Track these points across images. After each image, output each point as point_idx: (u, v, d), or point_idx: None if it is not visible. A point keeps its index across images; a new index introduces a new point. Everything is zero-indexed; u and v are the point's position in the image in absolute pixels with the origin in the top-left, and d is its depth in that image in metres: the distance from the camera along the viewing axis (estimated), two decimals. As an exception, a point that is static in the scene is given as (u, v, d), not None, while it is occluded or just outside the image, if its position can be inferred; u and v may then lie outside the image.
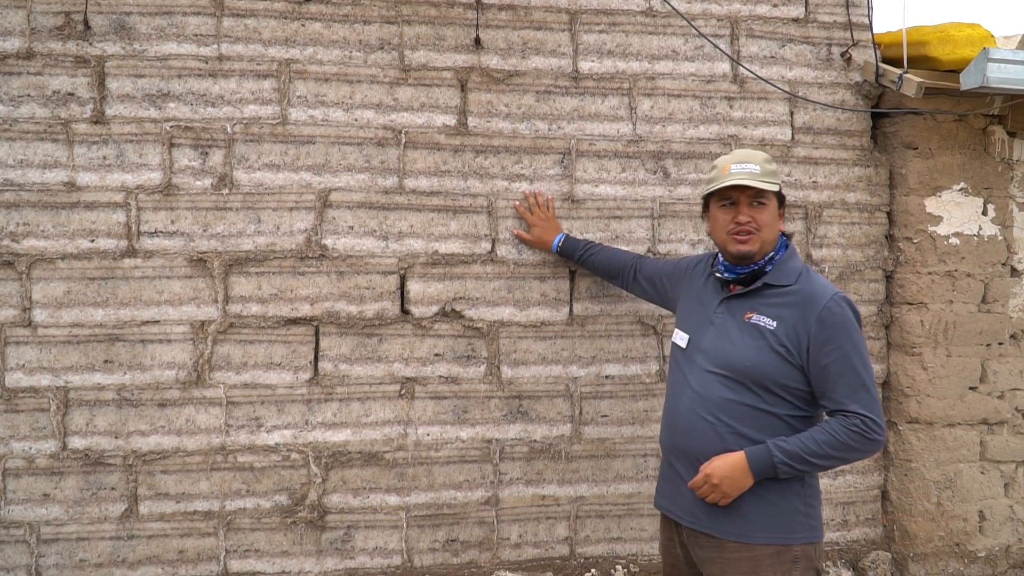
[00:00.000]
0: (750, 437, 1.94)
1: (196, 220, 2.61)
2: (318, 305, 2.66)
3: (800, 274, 2.01)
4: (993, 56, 2.47)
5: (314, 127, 2.66)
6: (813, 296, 1.95)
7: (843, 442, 1.88)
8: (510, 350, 2.76)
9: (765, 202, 2.02)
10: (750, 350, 1.97)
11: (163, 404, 2.60)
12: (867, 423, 1.88)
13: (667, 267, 2.44)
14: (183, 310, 2.60)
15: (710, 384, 2.01)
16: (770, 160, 2.05)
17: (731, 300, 2.06)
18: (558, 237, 2.69)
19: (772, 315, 1.97)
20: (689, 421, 2.02)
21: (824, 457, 1.90)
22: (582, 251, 2.65)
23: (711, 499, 1.95)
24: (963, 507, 2.96)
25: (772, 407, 1.95)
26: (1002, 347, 3.00)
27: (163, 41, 2.60)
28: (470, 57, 2.74)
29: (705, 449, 1.98)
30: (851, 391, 1.89)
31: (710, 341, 2.05)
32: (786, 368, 1.94)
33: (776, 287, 2.00)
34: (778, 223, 2.06)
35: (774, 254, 2.04)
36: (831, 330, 1.91)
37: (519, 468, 2.77)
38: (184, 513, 2.60)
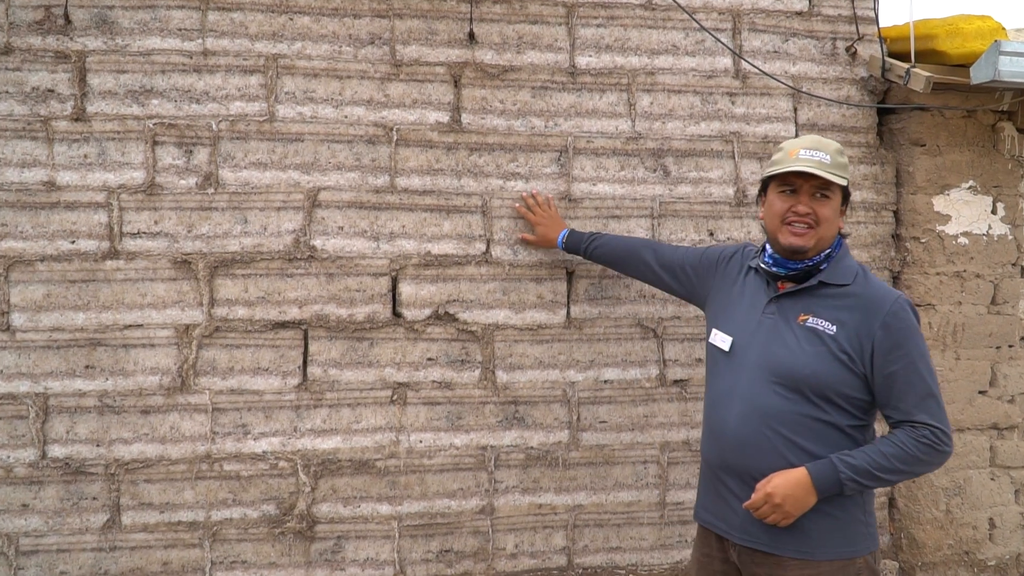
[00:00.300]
0: (810, 451, 1.82)
1: (180, 220, 2.52)
2: (307, 308, 2.57)
3: (857, 274, 1.89)
4: (1005, 49, 2.38)
5: (302, 124, 2.57)
6: (876, 300, 1.84)
7: (913, 455, 1.77)
8: (505, 354, 2.67)
9: (830, 195, 1.88)
10: (810, 357, 1.83)
11: (146, 411, 2.51)
12: (937, 434, 1.77)
13: (691, 256, 2.27)
14: (167, 313, 2.52)
15: (764, 393, 1.87)
16: (842, 152, 1.91)
17: (781, 299, 1.92)
18: (563, 233, 2.57)
19: (831, 318, 1.84)
20: (741, 434, 1.88)
21: (893, 472, 1.79)
22: (587, 242, 2.51)
23: (771, 520, 1.81)
24: (972, 514, 2.88)
25: (832, 417, 1.83)
26: (1012, 350, 2.91)
27: (146, 36, 2.52)
28: (464, 52, 2.65)
29: (762, 465, 1.85)
30: (919, 400, 1.79)
31: (761, 345, 1.91)
32: (848, 377, 1.82)
33: (832, 286, 1.87)
34: (839, 220, 1.92)
35: (830, 251, 1.90)
36: (897, 336, 1.80)
37: (515, 476, 2.68)
38: (168, 524, 2.52)
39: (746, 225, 2.79)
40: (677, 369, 2.76)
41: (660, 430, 2.75)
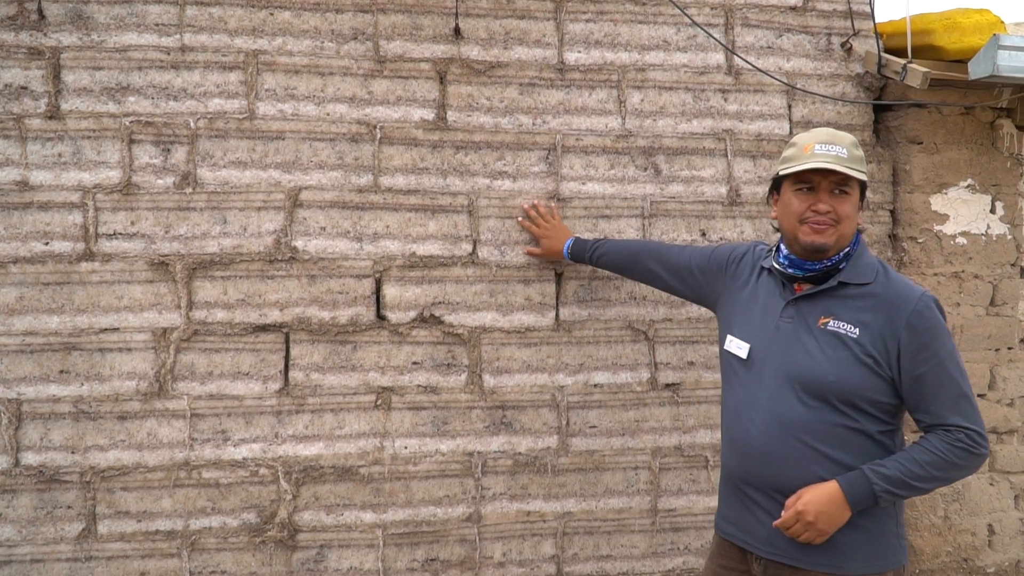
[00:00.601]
0: (839, 461, 1.74)
1: (158, 221, 2.45)
2: (288, 311, 2.50)
3: (878, 272, 1.80)
4: (1004, 43, 2.32)
5: (283, 122, 2.50)
6: (899, 298, 1.75)
7: (949, 461, 1.70)
8: (493, 357, 2.61)
9: (849, 191, 1.80)
10: (833, 362, 1.75)
11: (123, 417, 2.44)
12: (972, 437, 1.70)
13: (698, 257, 2.19)
14: (144, 317, 2.45)
15: (787, 402, 1.79)
16: (857, 144, 1.83)
17: (799, 302, 1.84)
18: (568, 242, 2.50)
19: (853, 320, 1.76)
20: (766, 446, 1.80)
21: (928, 479, 1.71)
22: (591, 250, 2.44)
23: (804, 539, 1.73)
24: (971, 521, 2.82)
25: (860, 424, 1.75)
26: (1011, 352, 2.85)
27: (123, 31, 2.45)
28: (449, 48, 2.59)
29: (789, 478, 1.77)
30: (952, 403, 1.71)
31: (780, 352, 1.82)
32: (875, 381, 1.74)
33: (852, 286, 1.79)
34: (858, 217, 1.84)
35: (849, 249, 1.82)
36: (924, 336, 1.71)
37: (502, 482, 2.62)
38: (146, 533, 2.45)
39: (739, 225, 2.73)
40: (669, 372, 2.70)
41: (651, 435, 2.69)
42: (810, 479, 1.75)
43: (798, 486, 1.76)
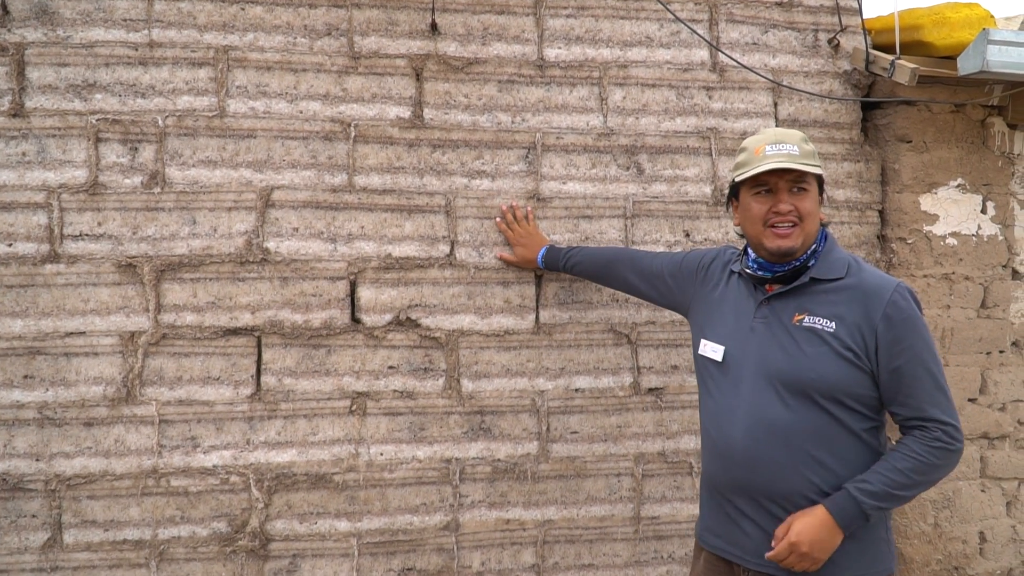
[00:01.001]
0: (826, 463, 1.71)
1: (125, 222, 2.39)
2: (260, 314, 2.44)
3: (849, 265, 1.77)
4: (993, 38, 2.25)
5: (255, 120, 2.44)
6: (874, 289, 1.72)
7: (929, 463, 1.67)
8: (471, 362, 2.54)
9: (807, 188, 1.77)
10: (812, 358, 1.71)
11: (89, 423, 2.37)
12: (949, 432, 1.67)
13: (670, 264, 2.16)
14: (111, 320, 2.38)
15: (769, 403, 1.74)
16: (807, 139, 1.80)
17: (772, 301, 1.80)
18: (541, 251, 2.46)
19: (828, 314, 1.73)
20: (751, 451, 1.75)
21: (912, 486, 1.68)
22: (564, 259, 2.40)
23: (800, 567, 1.69)
24: (962, 528, 2.75)
25: (846, 422, 1.71)
26: (1003, 355, 2.78)
27: (89, 27, 2.38)
28: (426, 44, 2.52)
29: (776, 484, 1.73)
30: (928, 395, 1.68)
31: (756, 352, 1.79)
32: (856, 374, 1.70)
33: (824, 282, 1.76)
34: (820, 212, 1.81)
35: (816, 246, 1.79)
36: (900, 327, 1.68)
37: (481, 490, 2.55)
38: (113, 542, 2.38)
39: (724, 225, 2.66)
40: (652, 377, 2.63)
41: (634, 441, 2.62)
42: (798, 484, 1.71)
43: (786, 492, 1.72)
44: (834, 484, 1.71)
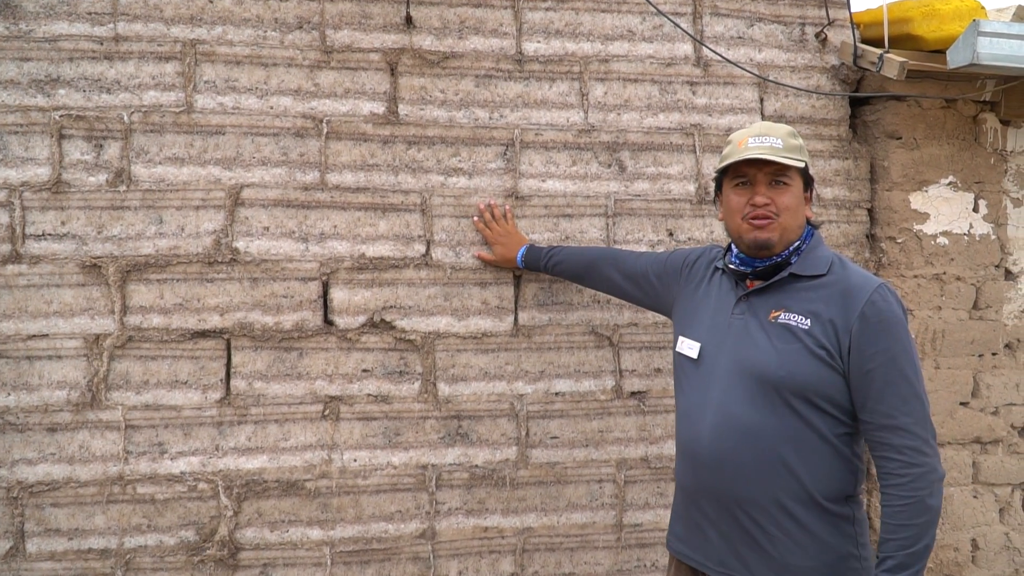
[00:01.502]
0: (794, 469, 1.63)
1: (89, 221, 2.31)
2: (229, 316, 2.36)
3: (832, 263, 1.71)
4: (984, 29, 2.18)
5: (224, 116, 2.36)
6: (853, 287, 1.64)
7: (917, 499, 1.55)
8: (447, 365, 2.47)
9: (788, 182, 1.71)
10: (783, 355, 1.65)
11: (53, 428, 2.30)
12: (918, 451, 1.55)
13: (654, 263, 2.11)
14: (75, 322, 2.30)
15: (738, 402, 1.68)
16: (795, 134, 1.75)
17: (751, 297, 1.75)
18: (521, 250, 2.39)
19: (804, 311, 1.66)
20: (717, 451, 1.70)
21: (922, 533, 1.55)
22: (545, 259, 2.33)
23: None
24: (954, 535, 2.68)
25: (816, 425, 1.63)
26: (996, 358, 2.71)
27: (53, 20, 2.31)
28: (401, 37, 2.45)
29: (741, 487, 1.67)
30: (902, 402, 1.58)
31: (731, 349, 1.73)
32: (828, 374, 1.63)
33: (805, 278, 1.70)
34: (804, 208, 1.75)
35: (799, 243, 1.73)
36: (877, 329, 1.60)
37: (458, 497, 2.47)
38: (77, 551, 2.31)
39: (708, 224, 2.59)
40: (635, 380, 2.56)
41: (616, 446, 2.55)
42: (763, 488, 1.65)
43: (750, 497, 1.66)
44: (799, 493, 1.64)
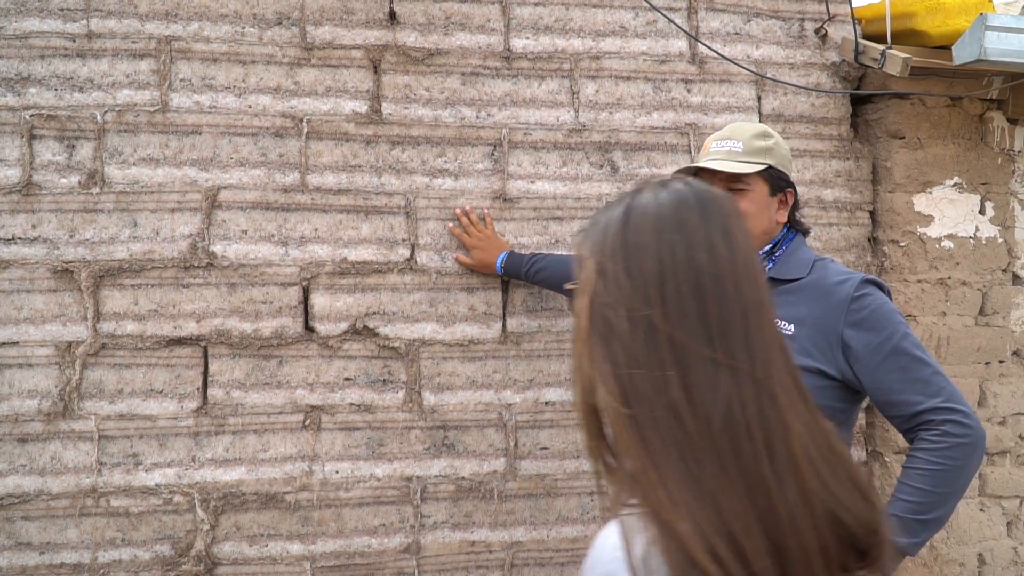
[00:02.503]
0: None
1: (61, 224, 2.23)
2: (206, 322, 2.28)
3: (813, 264, 1.67)
4: (991, 23, 2.08)
5: (200, 115, 2.28)
6: (834, 289, 1.59)
7: (946, 468, 1.47)
8: (433, 373, 2.38)
9: (744, 188, 1.66)
10: None
11: (23, 439, 2.22)
12: (957, 421, 1.48)
13: None
14: (46, 329, 2.23)
15: None
16: (764, 134, 1.69)
17: None
18: (501, 256, 2.30)
19: (787, 316, 1.62)
20: None
21: (940, 502, 1.48)
22: (528, 266, 2.25)
23: None
24: (960, 550, 2.58)
25: None
26: (1003, 366, 2.61)
27: (23, 17, 2.23)
28: (384, 33, 2.36)
29: None
30: (924, 384, 1.52)
31: None
32: (811, 379, 1.56)
33: (785, 282, 1.66)
34: (773, 212, 1.70)
35: (772, 247, 1.68)
36: (868, 325, 1.55)
37: (444, 510, 2.39)
38: (49, 566, 2.23)
39: (704, 227, 2.49)
40: (627, 388, 2.47)
41: (609, 457, 2.45)
42: None
43: None
44: None
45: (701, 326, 0.78)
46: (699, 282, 0.79)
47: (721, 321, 0.79)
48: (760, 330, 0.80)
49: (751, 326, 0.80)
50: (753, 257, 0.84)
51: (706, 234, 0.81)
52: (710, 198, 0.85)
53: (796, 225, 1.75)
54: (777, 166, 1.70)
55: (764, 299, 0.82)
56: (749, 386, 0.78)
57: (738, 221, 0.85)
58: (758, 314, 0.81)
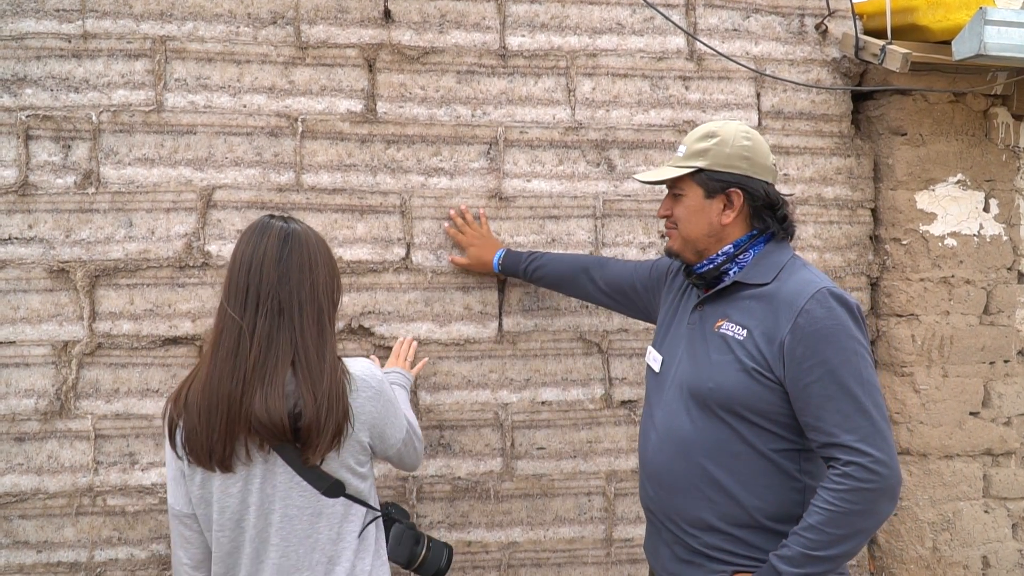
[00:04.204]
0: (724, 484, 1.56)
1: (57, 224, 2.24)
2: (201, 322, 2.28)
3: (781, 269, 1.60)
4: (991, 17, 2.04)
5: (195, 115, 2.28)
6: (789, 296, 1.53)
7: (843, 511, 1.41)
8: (429, 373, 2.37)
9: (679, 192, 1.68)
10: (715, 367, 1.58)
11: (20, 438, 2.23)
12: (863, 465, 1.41)
13: (639, 272, 2.03)
14: (43, 329, 2.23)
15: (677, 415, 1.63)
16: (708, 135, 1.65)
17: (704, 306, 1.69)
18: (498, 253, 2.28)
19: (741, 322, 1.58)
20: (657, 465, 1.66)
21: (833, 543, 1.42)
22: (526, 263, 2.23)
23: None
24: (964, 552, 2.54)
25: (748, 440, 1.55)
26: (1008, 365, 2.57)
27: (19, 18, 2.24)
28: (379, 32, 2.36)
29: (679, 501, 1.62)
30: (843, 419, 1.44)
31: (680, 359, 1.68)
32: (757, 389, 1.53)
33: (750, 287, 1.61)
34: (713, 216, 1.63)
35: (732, 250, 1.64)
36: (811, 339, 1.47)
37: (440, 510, 2.38)
38: (47, 564, 2.24)
39: (702, 226, 2.47)
40: (625, 388, 2.45)
41: (606, 457, 2.44)
42: (696, 503, 1.59)
43: (684, 511, 1.62)
44: (734, 510, 1.57)
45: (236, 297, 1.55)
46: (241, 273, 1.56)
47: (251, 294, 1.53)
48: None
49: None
50: (298, 263, 1.56)
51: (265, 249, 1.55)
52: (290, 231, 1.58)
53: (776, 227, 1.65)
54: (713, 167, 1.62)
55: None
56: (247, 336, 1.50)
57: (298, 246, 1.57)
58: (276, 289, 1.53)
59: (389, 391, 1.61)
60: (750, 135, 1.66)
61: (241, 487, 1.50)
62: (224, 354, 1.49)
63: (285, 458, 1.49)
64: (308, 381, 1.47)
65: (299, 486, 1.50)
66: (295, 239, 1.55)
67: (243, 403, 1.45)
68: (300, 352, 1.48)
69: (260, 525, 1.51)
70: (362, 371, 1.57)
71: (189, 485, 1.54)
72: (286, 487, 1.50)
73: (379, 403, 1.57)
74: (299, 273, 1.53)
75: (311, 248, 1.56)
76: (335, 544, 1.54)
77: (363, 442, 1.56)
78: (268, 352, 1.48)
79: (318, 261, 1.56)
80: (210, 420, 1.46)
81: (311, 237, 1.59)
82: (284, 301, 1.50)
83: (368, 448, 1.58)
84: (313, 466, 1.49)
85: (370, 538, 1.61)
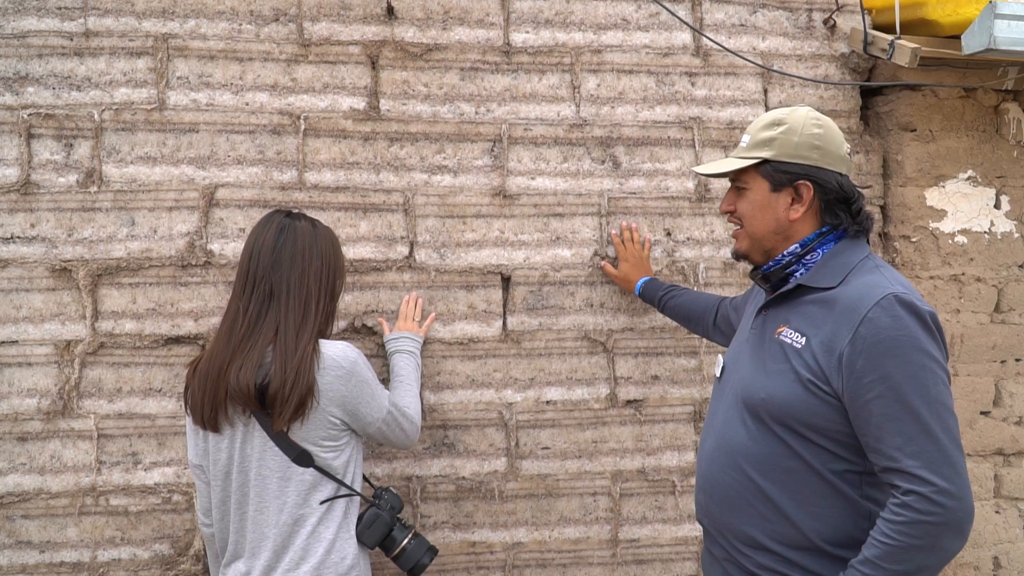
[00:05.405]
0: (777, 502, 1.45)
1: (59, 223, 2.23)
2: (203, 321, 2.27)
3: (851, 270, 1.45)
4: (1001, 11, 2.01)
5: (197, 113, 2.27)
6: (851, 301, 1.39)
7: (901, 545, 1.28)
8: (433, 372, 2.35)
9: (743, 186, 1.57)
10: (769, 376, 1.47)
11: (23, 438, 2.22)
12: (927, 496, 1.27)
13: (742, 296, 2.00)
14: (45, 328, 2.23)
15: (732, 424, 1.54)
16: (774, 123, 1.53)
17: (768, 309, 1.58)
18: (644, 279, 2.29)
19: (801, 328, 1.46)
20: (710, 475, 1.58)
21: None
22: (664, 292, 2.23)
23: None
24: (974, 553, 2.51)
25: (804, 457, 1.43)
26: (1020, 364, 2.54)
27: (21, 16, 2.23)
28: (382, 29, 2.34)
29: (728, 514, 1.52)
30: (906, 441, 1.30)
31: (740, 366, 1.59)
32: (813, 402, 1.40)
33: (814, 290, 1.47)
34: (780, 211, 1.51)
35: (799, 249, 1.52)
36: (873, 351, 1.33)
37: (444, 510, 2.36)
38: (49, 565, 2.23)
39: (708, 223, 2.45)
40: (631, 388, 2.43)
41: (611, 457, 2.42)
42: (746, 518, 1.50)
43: (734, 525, 1.52)
44: (787, 529, 1.46)
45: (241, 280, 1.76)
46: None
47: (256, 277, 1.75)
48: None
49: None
50: (295, 250, 1.76)
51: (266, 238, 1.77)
52: (288, 224, 1.79)
53: (850, 223, 1.52)
54: (780, 157, 1.50)
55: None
56: (242, 315, 1.73)
57: (294, 236, 1.78)
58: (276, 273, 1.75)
59: (363, 372, 1.75)
60: (821, 122, 1.53)
61: (227, 445, 1.73)
62: (224, 330, 1.74)
63: (261, 424, 1.70)
64: (282, 356, 1.66)
65: (272, 450, 1.70)
66: (291, 230, 1.76)
67: (227, 372, 1.68)
68: (281, 331, 1.69)
69: (240, 480, 1.73)
70: (334, 352, 1.72)
71: (196, 439, 1.80)
72: (261, 449, 1.71)
73: (349, 383, 1.72)
74: (290, 261, 1.74)
75: (305, 239, 1.76)
76: (300, 508, 1.71)
77: (334, 419, 1.72)
78: (254, 329, 1.70)
79: (312, 251, 1.76)
80: (204, 386, 1.70)
81: (309, 229, 1.79)
82: (275, 285, 1.72)
83: (342, 425, 1.75)
84: (280, 432, 1.68)
85: (338, 509, 1.75)
